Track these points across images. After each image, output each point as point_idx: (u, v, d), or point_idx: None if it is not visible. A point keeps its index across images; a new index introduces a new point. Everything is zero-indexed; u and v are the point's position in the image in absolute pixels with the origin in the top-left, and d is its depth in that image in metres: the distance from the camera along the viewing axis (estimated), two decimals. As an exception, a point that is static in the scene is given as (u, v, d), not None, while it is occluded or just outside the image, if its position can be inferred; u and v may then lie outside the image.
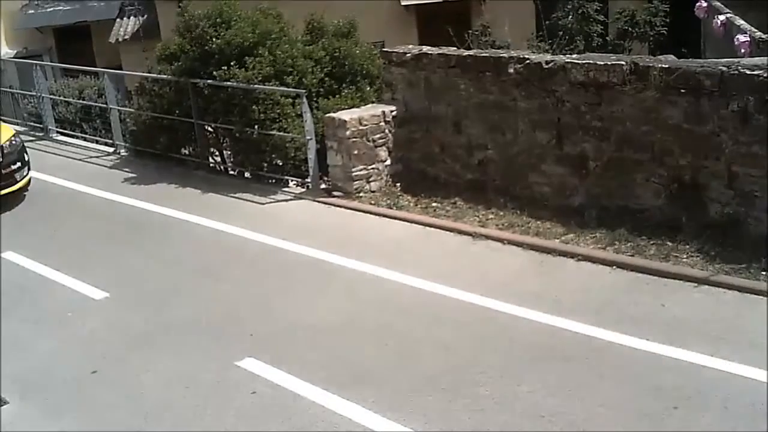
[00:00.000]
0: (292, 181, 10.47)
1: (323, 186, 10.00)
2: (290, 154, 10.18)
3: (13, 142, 10.75)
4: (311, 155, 9.84)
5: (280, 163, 10.54)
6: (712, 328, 6.07)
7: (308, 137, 9.76)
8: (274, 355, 6.30)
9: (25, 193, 10.70)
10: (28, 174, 10.74)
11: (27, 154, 10.98)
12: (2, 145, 10.45)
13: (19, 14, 23.42)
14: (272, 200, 9.97)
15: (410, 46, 10.20)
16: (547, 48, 13.68)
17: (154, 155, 11.80)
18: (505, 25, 14.97)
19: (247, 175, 11.09)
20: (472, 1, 18.54)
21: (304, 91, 9.86)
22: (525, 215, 8.35)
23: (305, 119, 9.72)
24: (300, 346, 6.45)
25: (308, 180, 10.06)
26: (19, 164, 10.54)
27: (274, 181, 10.58)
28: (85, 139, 13.82)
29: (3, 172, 10.27)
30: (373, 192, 9.62)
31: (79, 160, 12.66)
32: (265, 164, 10.60)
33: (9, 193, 10.35)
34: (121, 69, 18.52)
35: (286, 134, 10.04)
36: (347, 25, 11.08)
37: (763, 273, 6.65)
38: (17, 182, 10.45)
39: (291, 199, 9.93)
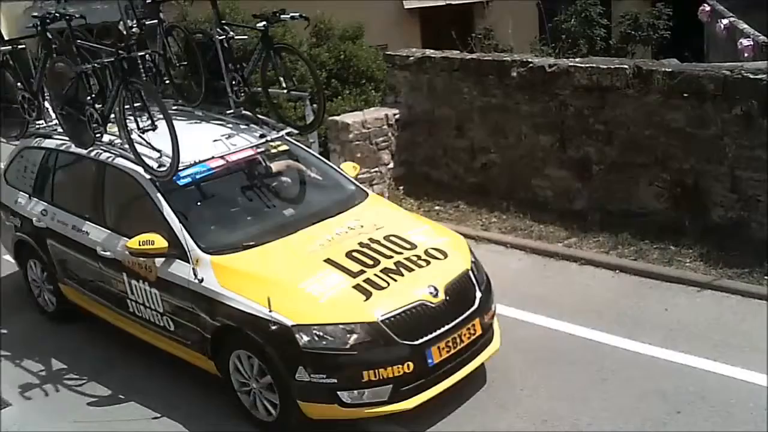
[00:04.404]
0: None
1: (326, 189, 9.92)
2: (293, 156, 10.12)
3: (477, 263, 5.98)
4: (314, 158, 9.77)
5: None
6: (714, 333, 6.06)
7: (311, 140, 9.75)
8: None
9: None
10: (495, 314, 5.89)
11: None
12: (470, 269, 5.79)
13: (22, 16, 23.45)
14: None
15: (413, 49, 10.21)
16: (550, 51, 13.68)
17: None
18: (509, 29, 14.97)
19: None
20: (475, 5, 18.56)
21: (306, 94, 9.85)
22: (528, 219, 8.35)
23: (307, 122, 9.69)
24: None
25: (311, 183, 9.99)
26: (494, 303, 5.89)
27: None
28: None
29: (484, 318, 5.62)
30: (376, 195, 9.60)
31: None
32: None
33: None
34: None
35: (289, 137, 9.99)
36: (356, 29, 11.10)
37: (766, 277, 6.64)
38: (494, 334, 5.79)
39: (294, 202, 9.89)
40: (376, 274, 5.37)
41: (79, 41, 6.46)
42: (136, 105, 5.87)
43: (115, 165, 6.24)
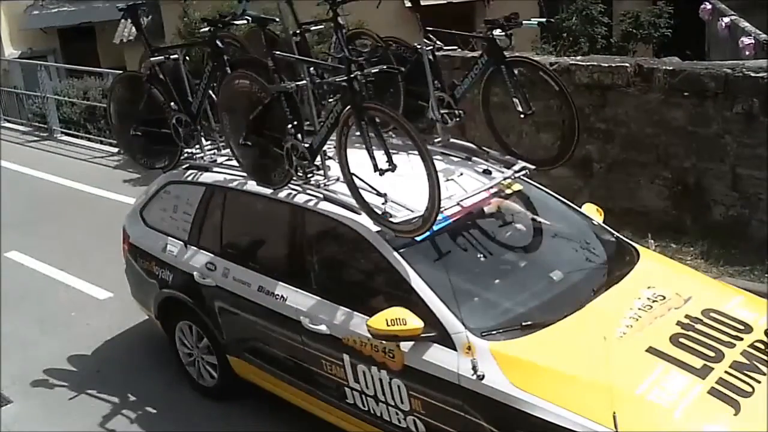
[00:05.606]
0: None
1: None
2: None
3: None
4: (316, 156, 9.69)
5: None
6: (715, 331, 6.05)
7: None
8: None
9: None
10: None
11: None
12: None
13: (23, 15, 23.50)
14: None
15: (414, 48, 10.17)
16: (551, 49, 13.69)
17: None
18: (509, 27, 14.96)
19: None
20: (477, 3, 18.57)
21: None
22: (529, 217, 8.34)
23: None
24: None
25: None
26: None
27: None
28: (89, 140, 13.86)
29: None
30: (377, 193, 9.51)
31: (83, 160, 12.69)
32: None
33: None
34: (125, 69, 18.58)
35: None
36: (356, 27, 11.08)
37: (767, 275, 6.65)
38: None
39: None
40: (728, 372, 3.93)
41: (276, 52, 5.01)
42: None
43: (321, 212, 4.79)
